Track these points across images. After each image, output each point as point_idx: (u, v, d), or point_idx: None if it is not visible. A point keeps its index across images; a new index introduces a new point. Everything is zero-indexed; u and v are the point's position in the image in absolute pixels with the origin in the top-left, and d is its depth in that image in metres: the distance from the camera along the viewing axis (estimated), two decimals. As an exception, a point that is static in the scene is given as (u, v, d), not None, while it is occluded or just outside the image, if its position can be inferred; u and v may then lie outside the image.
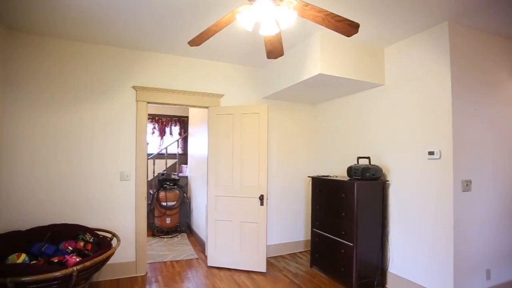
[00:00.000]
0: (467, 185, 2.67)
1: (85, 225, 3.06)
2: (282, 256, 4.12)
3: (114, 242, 2.93)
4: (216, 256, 3.66)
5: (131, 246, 3.36)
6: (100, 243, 2.78)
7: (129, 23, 2.78)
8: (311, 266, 3.72)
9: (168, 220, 5.10)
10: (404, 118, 3.05)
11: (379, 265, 3.14)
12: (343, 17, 1.77)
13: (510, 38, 3.01)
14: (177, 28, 2.88)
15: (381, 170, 3.18)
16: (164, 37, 3.11)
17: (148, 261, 3.74)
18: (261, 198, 3.49)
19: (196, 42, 2.06)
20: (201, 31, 2.76)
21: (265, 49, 2.33)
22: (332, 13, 1.74)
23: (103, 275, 3.20)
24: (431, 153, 2.75)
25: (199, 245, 4.57)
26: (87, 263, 2.23)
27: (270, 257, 4.05)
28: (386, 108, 3.27)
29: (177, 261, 3.86)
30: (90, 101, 3.24)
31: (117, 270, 3.27)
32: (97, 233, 2.95)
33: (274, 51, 2.29)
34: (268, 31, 1.74)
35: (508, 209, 2.97)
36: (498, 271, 2.87)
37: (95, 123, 3.26)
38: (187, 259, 3.93)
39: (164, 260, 3.87)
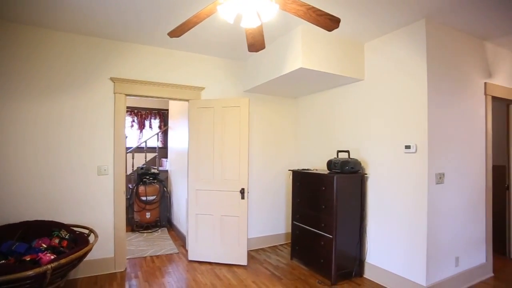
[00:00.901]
0: (440, 177, 2.78)
1: (60, 222, 2.96)
2: (263, 249, 4.16)
3: (91, 238, 2.86)
4: (197, 250, 3.64)
5: (109, 241, 3.28)
6: (77, 240, 2.70)
7: (108, 12, 2.66)
8: (291, 259, 3.78)
9: (148, 215, 5.01)
10: (382, 112, 3.13)
11: (357, 256, 3.24)
12: (325, 12, 1.78)
13: (482, 38, 3.12)
14: (157, 18, 2.79)
15: (360, 164, 3.25)
16: (144, 28, 3.01)
17: (128, 257, 3.67)
18: (242, 191, 3.50)
19: (176, 33, 2.01)
20: (182, 21, 2.69)
21: (246, 42, 2.30)
22: (314, 7, 1.74)
23: (80, 272, 3.11)
24: (407, 147, 2.84)
25: (180, 239, 4.53)
26: (63, 261, 2.16)
27: (251, 250, 4.08)
28: (366, 102, 3.33)
29: (157, 256, 3.82)
30: (66, 93, 3.10)
31: (95, 267, 3.19)
32: (73, 230, 2.85)
33: (256, 44, 2.27)
34: (250, 23, 1.72)
35: (475, 201, 3.14)
36: (465, 258, 3.03)
37: (71, 115, 3.12)
38: (167, 254, 3.89)
39: (144, 255, 3.82)
